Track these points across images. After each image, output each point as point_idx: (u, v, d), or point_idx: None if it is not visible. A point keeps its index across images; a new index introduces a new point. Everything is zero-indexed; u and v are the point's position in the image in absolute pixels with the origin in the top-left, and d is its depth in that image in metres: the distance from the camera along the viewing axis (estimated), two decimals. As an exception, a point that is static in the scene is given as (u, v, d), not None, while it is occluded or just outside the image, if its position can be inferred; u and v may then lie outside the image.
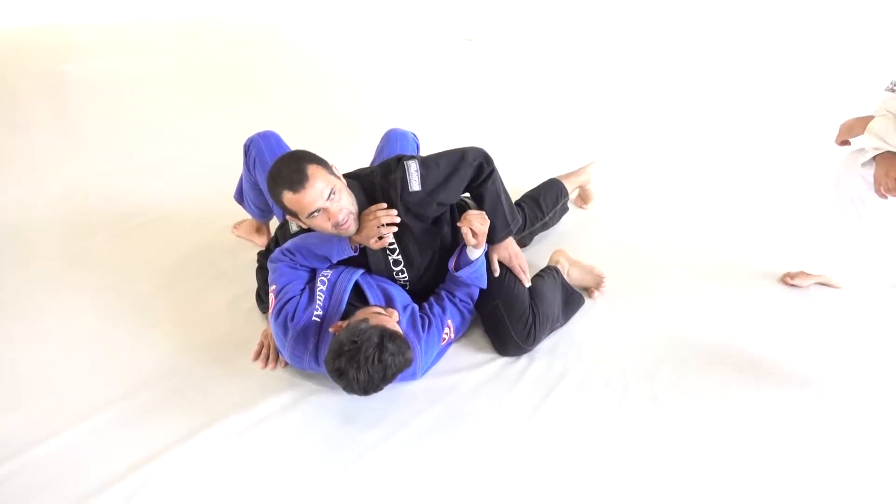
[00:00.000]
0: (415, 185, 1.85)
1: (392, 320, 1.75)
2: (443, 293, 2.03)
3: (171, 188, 3.03)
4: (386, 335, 1.62)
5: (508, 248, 2.04)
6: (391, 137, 2.41)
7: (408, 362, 1.67)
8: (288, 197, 1.72)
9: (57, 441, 1.70)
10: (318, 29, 6.59)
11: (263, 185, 2.29)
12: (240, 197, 2.48)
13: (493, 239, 2.00)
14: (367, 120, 3.91)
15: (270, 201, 2.30)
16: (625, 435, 1.76)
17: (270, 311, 1.89)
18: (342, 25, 6.73)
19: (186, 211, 2.82)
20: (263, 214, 2.49)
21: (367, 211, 1.85)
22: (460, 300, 2.01)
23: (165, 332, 2.11)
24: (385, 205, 1.85)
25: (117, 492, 1.56)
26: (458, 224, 1.87)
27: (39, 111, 4.33)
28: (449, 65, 5.39)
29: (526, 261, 2.08)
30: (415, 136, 2.46)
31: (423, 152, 2.42)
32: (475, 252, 1.93)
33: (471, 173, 1.93)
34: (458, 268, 1.96)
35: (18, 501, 1.54)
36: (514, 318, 1.97)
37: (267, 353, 1.97)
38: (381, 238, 1.84)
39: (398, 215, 1.84)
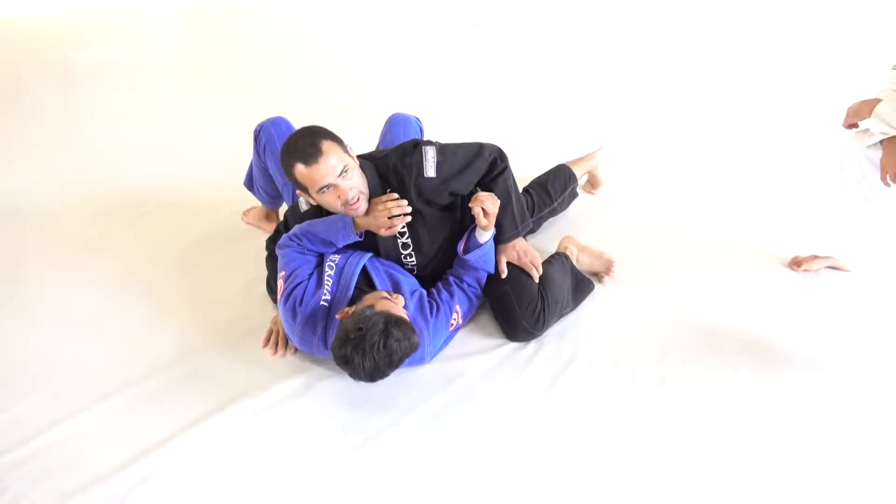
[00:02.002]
0: (430, 171, 1.86)
1: (398, 306, 1.75)
2: (451, 278, 2.03)
3: (177, 175, 3.04)
4: (391, 321, 1.62)
5: (516, 248, 2.02)
6: (394, 122, 2.41)
7: (413, 347, 1.68)
8: (300, 170, 1.73)
9: (69, 426, 1.72)
10: (324, 14, 6.56)
11: (274, 171, 2.30)
12: (249, 183, 2.48)
13: (500, 238, 1.99)
14: (373, 105, 3.89)
15: (281, 183, 2.30)
16: (633, 417, 1.76)
17: (279, 296, 1.90)
18: (348, 10, 6.70)
19: (194, 198, 2.83)
20: (273, 201, 2.49)
21: (377, 199, 1.85)
22: (468, 285, 2.01)
23: (176, 318, 2.13)
24: (396, 195, 1.85)
25: (130, 475, 1.58)
26: (469, 205, 1.87)
27: (46, 99, 4.33)
28: (456, 50, 5.36)
29: (537, 256, 2.06)
30: (418, 119, 2.45)
31: (430, 138, 2.42)
32: (484, 235, 1.93)
33: (485, 167, 1.94)
34: (466, 251, 1.96)
35: (33, 485, 1.56)
36: (523, 303, 1.97)
37: (276, 340, 1.98)
38: (390, 227, 1.85)
39: (410, 201, 1.85)
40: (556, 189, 2.49)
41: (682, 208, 2.79)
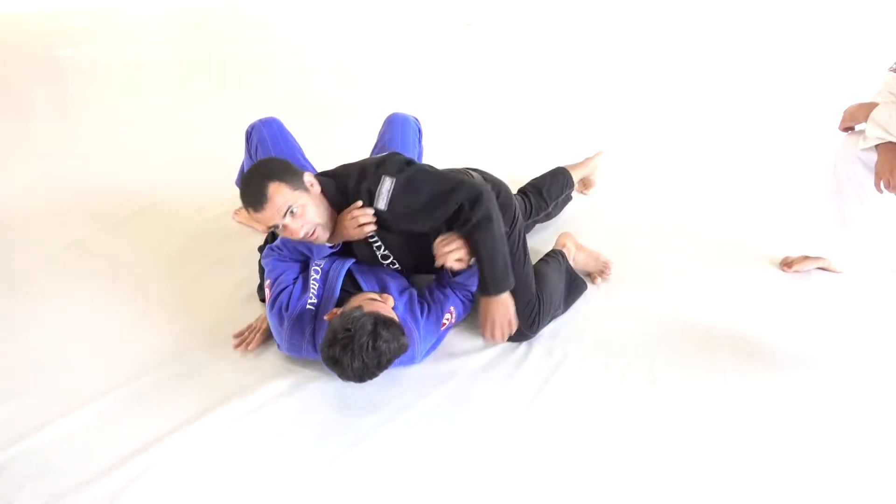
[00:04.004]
0: (380, 203, 1.78)
1: (387, 306, 1.74)
2: (445, 279, 2.02)
3: (167, 175, 3.02)
4: (380, 322, 1.61)
5: (487, 307, 1.87)
6: (393, 122, 2.39)
7: (403, 349, 1.67)
8: (252, 213, 1.78)
9: (57, 427, 1.71)
10: (317, 13, 6.54)
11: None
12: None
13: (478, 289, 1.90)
14: (366, 105, 3.89)
15: None
16: (625, 417, 1.76)
17: (267, 303, 1.90)
18: (342, 10, 6.68)
19: (185, 198, 2.81)
20: (263, 201, 2.48)
21: (345, 212, 1.84)
22: (463, 286, 2.00)
23: (165, 318, 2.11)
24: (360, 203, 1.81)
25: (118, 477, 1.57)
26: (436, 263, 1.85)
27: (34, 98, 4.30)
28: (449, 50, 5.35)
29: (508, 324, 1.89)
30: (416, 120, 2.43)
31: (424, 139, 2.42)
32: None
33: (447, 215, 1.80)
34: (454, 273, 1.95)
35: (20, 487, 1.55)
36: (520, 304, 1.94)
37: (247, 336, 1.98)
38: (362, 229, 1.83)
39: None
40: (552, 194, 2.47)
41: (674, 209, 2.80)
